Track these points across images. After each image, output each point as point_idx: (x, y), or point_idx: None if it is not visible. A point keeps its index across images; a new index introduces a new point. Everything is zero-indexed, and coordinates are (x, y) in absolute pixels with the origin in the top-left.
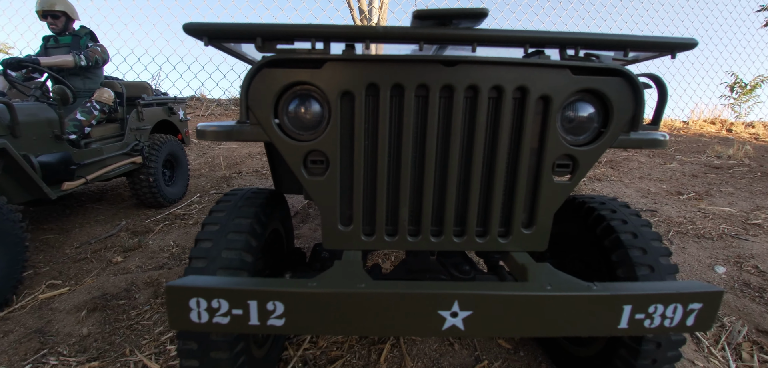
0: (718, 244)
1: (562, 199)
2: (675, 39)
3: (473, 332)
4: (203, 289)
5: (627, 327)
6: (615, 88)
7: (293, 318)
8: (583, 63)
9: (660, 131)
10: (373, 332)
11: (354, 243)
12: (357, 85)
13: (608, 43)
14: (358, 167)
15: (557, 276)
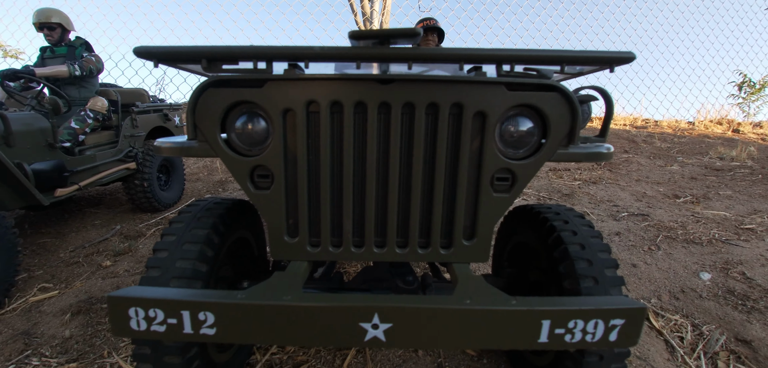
0: (707, 250)
1: (502, 212)
2: (612, 53)
3: (394, 343)
4: (141, 299)
5: (547, 341)
6: (551, 104)
7: (223, 327)
8: (515, 79)
9: (606, 143)
10: (299, 342)
11: (300, 254)
12: (297, 103)
13: (543, 58)
14: (301, 181)
15: (484, 290)
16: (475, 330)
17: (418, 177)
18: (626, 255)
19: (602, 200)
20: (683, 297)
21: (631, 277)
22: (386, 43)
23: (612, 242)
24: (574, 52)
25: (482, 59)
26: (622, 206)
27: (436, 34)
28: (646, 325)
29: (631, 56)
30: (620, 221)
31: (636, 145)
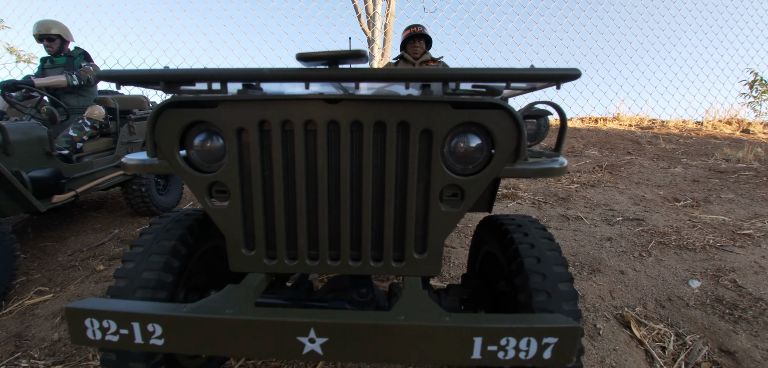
0: (699, 256)
1: (452, 226)
2: (558, 70)
3: (332, 357)
4: (95, 311)
5: (480, 357)
6: (496, 121)
7: (170, 339)
8: (458, 98)
9: (560, 157)
10: (239, 354)
11: (257, 266)
12: (249, 123)
13: (488, 76)
14: (256, 196)
15: (422, 305)
16: (407, 346)
17: (368, 193)
18: (615, 262)
19: (599, 203)
20: (669, 306)
21: (617, 284)
22: (335, 64)
23: (602, 248)
24: (520, 69)
25: (428, 78)
26: (619, 210)
27: (424, 41)
28: (627, 334)
29: (576, 73)
30: (614, 226)
31: (640, 146)
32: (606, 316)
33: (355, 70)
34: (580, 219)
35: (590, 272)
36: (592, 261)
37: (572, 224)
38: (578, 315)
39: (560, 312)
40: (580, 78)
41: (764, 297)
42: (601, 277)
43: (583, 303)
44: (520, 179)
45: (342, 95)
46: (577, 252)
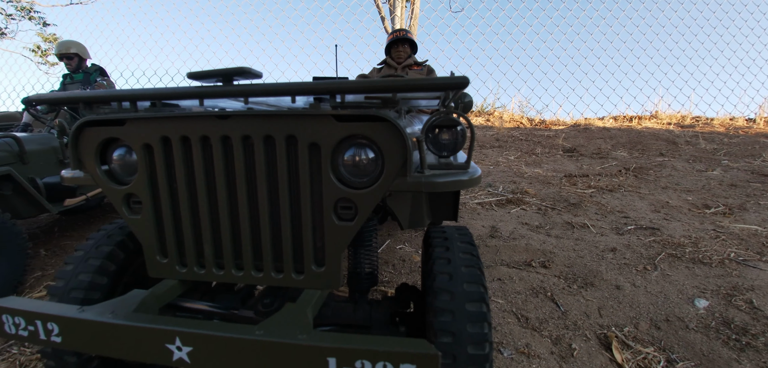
0: (715, 271)
1: (348, 240)
2: (446, 79)
3: (199, 366)
4: (9, 308)
5: None
6: (382, 134)
7: (66, 337)
8: (340, 111)
9: (471, 167)
10: (121, 355)
11: (171, 273)
12: (153, 139)
13: (373, 88)
14: (165, 208)
15: (292, 321)
16: (262, 361)
17: (264, 206)
18: (613, 275)
19: (613, 210)
20: (666, 327)
21: (610, 300)
22: (229, 80)
23: (603, 259)
24: (407, 80)
25: (312, 91)
26: (634, 217)
27: (409, 45)
28: (607, 357)
29: (464, 82)
30: (623, 236)
31: (675, 147)
32: (586, 335)
33: (243, 86)
34: (586, 227)
35: (581, 286)
36: (587, 274)
37: (576, 233)
38: (483, 339)
39: (463, 334)
40: (613, 74)
41: None
42: (592, 292)
43: (563, 319)
44: (527, 185)
45: (231, 110)
46: (572, 264)
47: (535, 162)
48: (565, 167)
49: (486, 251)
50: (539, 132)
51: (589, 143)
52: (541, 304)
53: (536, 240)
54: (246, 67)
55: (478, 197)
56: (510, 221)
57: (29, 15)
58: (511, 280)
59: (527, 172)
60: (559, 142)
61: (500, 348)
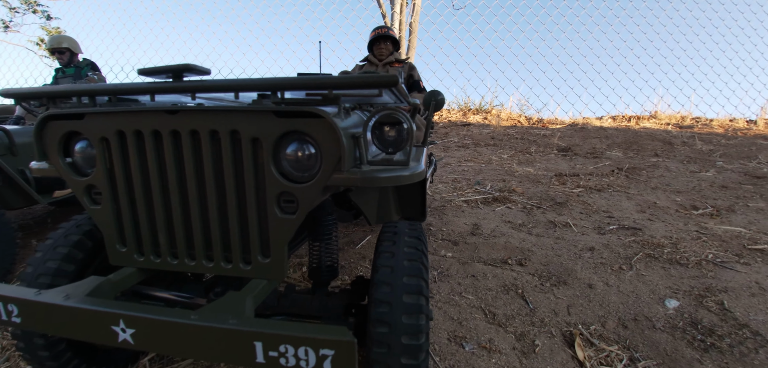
0: (691, 272)
1: (291, 232)
2: (377, 77)
3: (141, 346)
4: None
5: (264, 362)
6: (319, 130)
7: (25, 318)
8: (279, 107)
9: (411, 165)
10: (72, 336)
11: (130, 261)
12: (109, 132)
13: (310, 84)
14: (122, 199)
15: (228, 307)
16: (198, 344)
17: (213, 197)
18: (587, 274)
19: (598, 210)
20: (633, 326)
21: (580, 299)
22: (179, 77)
23: (579, 258)
24: (340, 77)
25: (253, 87)
26: (618, 217)
27: (390, 42)
28: (569, 354)
29: (393, 80)
30: (603, 235)
31: (671, 148)
32: (551, 332)
33: (190, 82)
34: (568, 226)
35: (554, 284)
36: (561, 272)
37: (557, 232)
38: (418, 331)
39: (399, 325)
40: (613, 73)
41: (751, 324)
42: (564, 290)
43: (531, 316)
44: (516, 184)
45: (179, 106)
46: (549, 262)
47: (528, 161)
48: (558, 166)
49: (465, 248)
50: (535, 131)
51: (584, 143)
52: (510, 301)
53: (516, 238)
54: (193, 64)
55: (465, 195)
56: (493, 219)
57: (33, 8)
58: (485, 277)
59: (518, 170)
60: (554, 141)
61: (463, 342)
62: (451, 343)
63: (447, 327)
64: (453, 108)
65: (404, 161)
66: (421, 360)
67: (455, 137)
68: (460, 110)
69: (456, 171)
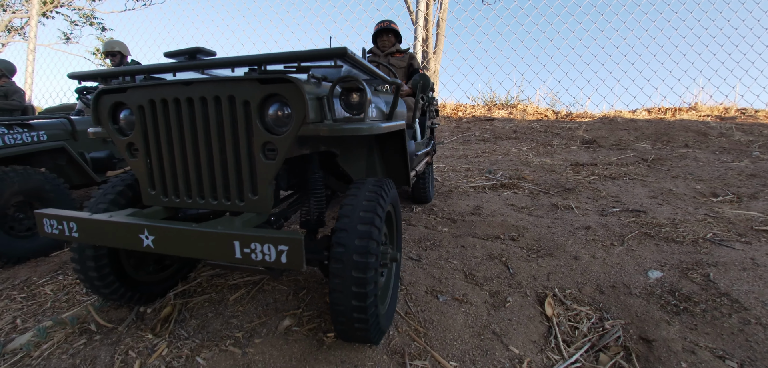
0: (684, 249)
1: (272, 174)
2: (326, 49)
3: (158, 249)
4: (48, 215)
5: (241, 257)
6: (291, 93)
7: (81, 233)
8: (262, 76)
9: (366, 123)
10: (114, 244)
11: (158, 202)
12: (145, 101)
13: (282, 59)
14: (153, 152)
15: (226, 224)
16: (197, 244)
17: (216, 149)
18: (576, 248)
19: (607, 195)
20: (610, 292)
21: (563, 268)
22: (194, 57)
23: (573, 235)
24: (299, 51)
25: (244, 63)
26: (625, 202)
27: (393, 35)
28: (538, 310)
29: (342, 51)
30: (604, 217)
31: (705, 138)
32: (526, 293)
33: (201, 60)
34: (570, 209)
35: (540, 256)
36: (550, 246)
37: (558, 214)
38: (366, 250)
39: (351, 245)
40: (648, 63)
41: (731, 293)
42: (549, 261)
43: (509, 279)
44: (530, 173)
45: (192, 79)
46: (541, 238)
47: (548, 153)
48: (577, 157)
49: (462, 225)
50: (561, 125)
51: (610, 135)
52: (493, 267)
53: (514, 218)
54: (203, 47)
55: (474, 182)
56: (497, 202)
57: (90, 21)
58: (474, 248)
59: (535, 161)
60: (579, 134)
61: (438, 294)
62: (428, 295)
63: (427, 283)
64: (478, 104)
65: (361, 119)
66: (369, 290)
67: (477, 131)
68: (486, 106)
69: (471, 162)
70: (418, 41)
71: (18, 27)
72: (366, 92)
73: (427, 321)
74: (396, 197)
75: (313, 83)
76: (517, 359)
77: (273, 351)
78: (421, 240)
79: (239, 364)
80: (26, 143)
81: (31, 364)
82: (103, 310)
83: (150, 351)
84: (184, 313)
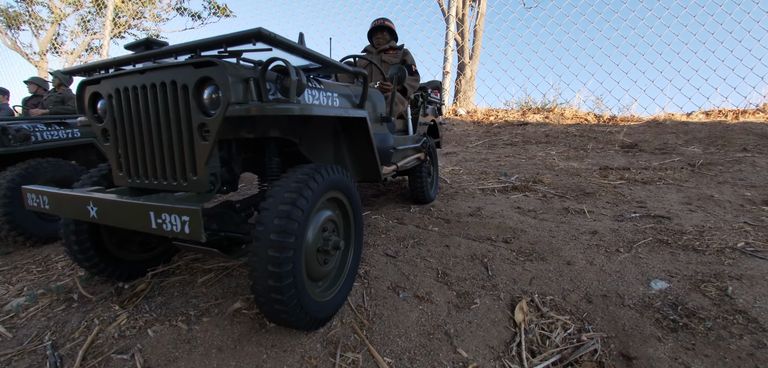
0: (704, 258)
1: (207, 155)
2: (242, 32)
3: (101, 219)
4: (31, 190)
5: (156, 227)
6: (219, 77)
7: (52, 205)
8: (195, 60)
9: (297, 104)
10: (71, 215)
11: (124, 182)
12: (112, 90)
13: (206, 45)
14: (119, 136)
15: (161, 198)
16: (124, 214)
17: (164, 131)
18: (573, 253)
19: (631, 200)
20: (599, 302)
21: (550, 273)
22: (149, 47)
23: (574, 240)
24: (213, 37)
25: (184, 50)
26: (650, 207)
27: (387, 32)
28: (507, 315)
29: (256, 32)
30: (618, 222)
31: None
32: (499, 296)
33: (154, 50)
34: (581, 213)
35: (529, 259)
36: (545, 250)
37: (567, 218)
38: (284, 230)
39: (270, 225)
40: (705, 61)
41: (749, 311)
42: (538, 265)
43: (485, 282)
44: (550, 177)
45: (143, 66)
46: (537, 241)
47: (578, 157)
48: (610, 161)
49: (456, 226)
50: (600, 128)
51: (655, 139)
52: (471, 267)
53: (515, 220)
54: (154, 38)
55: (484, 184)
56: (502, 205)
57: None
58: (458, 247)
59: (560, 165)
60: (619, 138)
61: (399, 290)
62: (389, 290)
63: (394, 279)
64: (513, 108)
65: (289, 100)
66: (285, 271)
67: (506, 135)
68: (520, 110)
69: (491, 165)
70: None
71: (96, 47)
72: (291, 74)
73: (375, 316)
74: (347, 185)
75: (241, 66)
76: (461, 362)
77: (216, 330)
78: (405, 238)
79: (182, 339)
80: (61, 139)
81: (17, 323)
82: (91, 283)
83: (111, 320)
84: (156, 291)
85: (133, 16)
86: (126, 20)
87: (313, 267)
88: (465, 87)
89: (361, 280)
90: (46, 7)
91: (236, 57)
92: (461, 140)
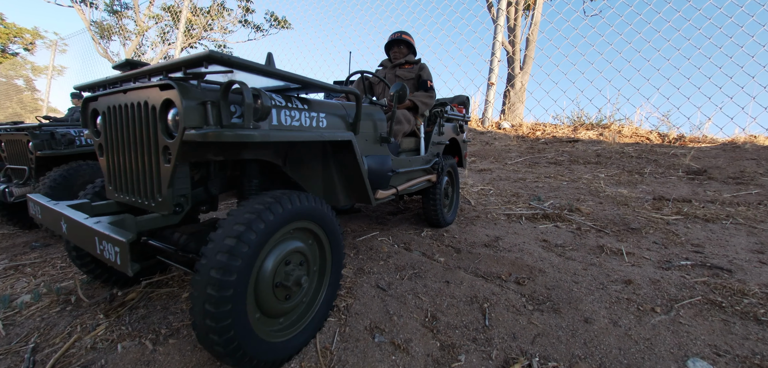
0: (766, 333)
1: (168, 176)
2: (188, 57)
3: (68, 236)
4: (32, 200)
5: (99, 253)
6: (179, 99)
7: (42, 215)
8: (161, 82)
9: (259, 130)
10: (51, 227)
11: (112, 196)
12: (104, 107)
13: (173, 67)
14: (109, 151)
15: (117, 222)
16: (80, 234)
17: (138, 150)
18: (595, 307)
19: (685, 242)
20: None
21: (560, 332)
22: (134, 67)
23: (601, 290)
24: (168, 62)
25: (153, 72)
26: (708, 253)
27: (405, 46)
28: None
29: (203, 57)
30: (663, 270)
31: None
32: (490, 355)
33: (134, 71)
34: (618, 255)
35: (540, 310)
36: (561, 299)
37: (599, 259)
38: (225, 266)
39: (212, 259)
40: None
41: None
42: (548, 317)
43: (479, 333)
44: (592, 205)
45: (128, 87)
46: (555, 287)
47: (630, 182)
48: (669, 190)
49: (465, 258)
50: (663, 150)
51: (729, 165)
52: (466, 313)
53: (535, 257)
54: (135, 60)
55: (512, 209)
56: (525, 236)
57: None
58: (459, 285)
59: (607, 191)
60: (685, 162)
61: (376, 334)
62: (365, 331)
63: (375, 318)
64: (564, 123)
65: (250, 127)
66: (221, 311)
67: (551, 153)
68: (571, 126)
69: (527, 187)
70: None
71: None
72: (246, 97)
73: (340, 362)
74: (321, 214)
75: (204, 89)
76: None
77: (176, 355)
78: (404, 268)
79: (143, 360)
80: None
81: (16, 320)
82: (91, 287)
83: (90, 329)
84: (144, 301)
85: (203, 28)
86: (197, 32)
87: (269, 303)
88: (514, 99)
89: (339, 315)
90: (132, 20)
91: (197, 79)
92: (500, 156)
